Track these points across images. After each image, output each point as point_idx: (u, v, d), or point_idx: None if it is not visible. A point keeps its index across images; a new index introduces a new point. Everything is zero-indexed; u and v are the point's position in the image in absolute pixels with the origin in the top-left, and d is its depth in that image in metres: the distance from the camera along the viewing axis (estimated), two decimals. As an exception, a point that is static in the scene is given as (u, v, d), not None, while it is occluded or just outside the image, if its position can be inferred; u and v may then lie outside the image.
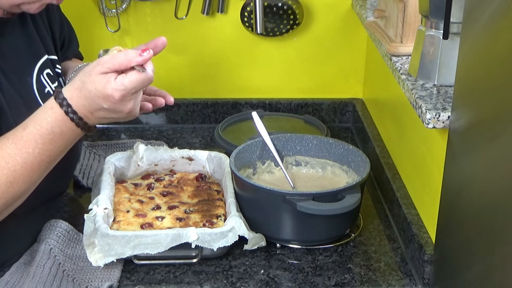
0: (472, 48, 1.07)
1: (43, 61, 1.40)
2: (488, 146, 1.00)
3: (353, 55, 1.93)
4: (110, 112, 1.22)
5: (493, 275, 1.00)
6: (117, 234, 1.30)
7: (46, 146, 1.20)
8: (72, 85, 1.22)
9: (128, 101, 1.21)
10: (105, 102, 1.20)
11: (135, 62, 1.20)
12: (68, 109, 1.20)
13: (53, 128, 1.20)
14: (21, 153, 1.19)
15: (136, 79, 1.20)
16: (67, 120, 1.20)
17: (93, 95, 1.19)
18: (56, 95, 1.21)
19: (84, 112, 1.21)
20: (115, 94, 1.19)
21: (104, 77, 1.19)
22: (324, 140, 1.55)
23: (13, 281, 1.28)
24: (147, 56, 1.21)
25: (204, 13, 1.85)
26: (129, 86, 1.19)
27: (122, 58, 1.20)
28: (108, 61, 1.20)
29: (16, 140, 1.19)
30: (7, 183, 1.18)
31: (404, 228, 1.42)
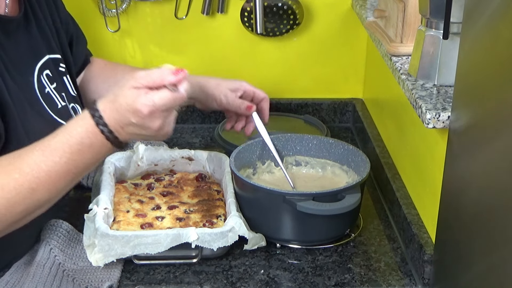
0: (472, 48, 1.07)
1: (43, 61, 1.40)
2: (488, 146, 1.00)
3: (353, 55, 1.93)
4: (139, 128, 1.20)
5: (493, 275, 1.00)
6: (117, 234, 1.30)
7: (73, 156, 1.18)
8: (106, 97, 1.21)
9: (157, 118, 1.19)
10: (134, 116, 1.18)
11: (168, 80, 1.18)
12: (99, 121, 1.18)
13: (82, 139, 1.18)
14: (46, 161, 1.17)
15: (166, 97, 1.18)
16: (98, 132, 1.18)
17: (123, 109, 1.18)
18: (90, 106, 1.20)
19: (115, 126, 1.19)
20: (144, 109, 1.17)
21: (136, 92, 1.18)
22: (324, 140, 1.55)
23: (13, 281, 1.28)
24: (180, 77, 1.19)
25: (204, 13, 1.85)
26: (159, 103, 1.18)
27: (156, 75, 1.19)
28: (142, 76, 1.19)
29: (44, 148, 1.18)
30: (29, 189, 1.16)
31: (404, 228, 1.42)
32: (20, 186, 1.16)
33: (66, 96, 1.43)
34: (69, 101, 1.43)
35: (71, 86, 1.47)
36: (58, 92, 1.41)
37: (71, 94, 1.46)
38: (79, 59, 1.58)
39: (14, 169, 1.16)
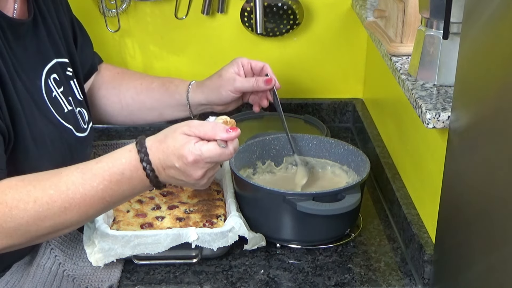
0: (472, 48, 1.07)
1: (51, 65, 1.39)
2: (488, 146, 1.00)
3: (353, 55, 1.93)
4: (180, 174, 1.20)
5: (493, 275, 1.00)
6: (117, 234, 1.31)
7: (111, 185, 1.18)
8: (156, 136, 1.21)
9: (200, 168, 1.19)
10: (178, 161, 1.18)
11: (220, 137, 1.19)
12: (144, 157, 1.18)
13: (124, 170, 1.18)
14: (84, 184, 1.17)
15: (214, 151, 1.19)
16: (140, 167, 1.18)
17: (170, 151, 1.18)
18: (138, 140, 1.20)
19: (158, 165, 1.19)
20: (189, 156, 1.18)
21: (186, 138, 1.19)
22: (324, 140, 1.55)
23: (13, 281, 1.28)
24: (233, 135, 1.20)
25: (204, 13, 1.85)
26: (205, 154, 1.18)
27: (209, 129, 1.20)
28: (196, 126, 1.20)
29: (85, 171, 1.18)
30: (61, 207, 1.16)
31: (404, 228, 1.42)
32: (53, 202, 1.16)
33: (73, 100, 1.43)
34: (75, 106, 1.43)
35: (77, 91, 1.47)
36: (65, 96, 1.41)
37: (77, 99, 1.46)
38: (86, 63, 1.58)
39: (50, 185, 1.17)
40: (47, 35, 1.40)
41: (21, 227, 1.16)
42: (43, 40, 1.39)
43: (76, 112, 1.43)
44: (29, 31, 1.35)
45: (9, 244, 1.18)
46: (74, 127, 1.40)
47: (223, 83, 1.56)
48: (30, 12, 1.36)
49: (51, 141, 1.31)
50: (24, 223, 1.15)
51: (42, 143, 1.29)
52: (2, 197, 1.15)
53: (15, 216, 1.15)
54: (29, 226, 1.16)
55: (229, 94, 1.56)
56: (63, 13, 1.49)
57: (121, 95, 1.61)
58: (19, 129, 1.24)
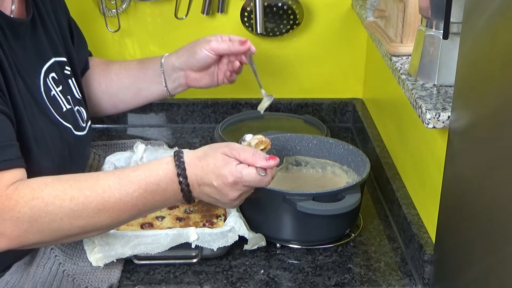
0: (472, 48, 1.07)
1: (49, 64, 1.40)
2: (488, 146, 1.00)
3: (353, 55, 1.93)
4: (216, 192, 1.22)
5: (493, 275, 1.00)
6: (117, 234, 1.31)
7: (146, 193, 1.20)
8: (195, 153, 1.23)
9: (237, 190, 1.22)
10: (217, 180, 1.20)
11: (260, 165, 1.21)
12: (181, 172, 1.20)
13: (160, 182, 1.20)
14: (120, 189, 1.19)
15: (253, 177, 1.21)
16: (175, 181, 1.20)
17: (210, 170, 1.20)
18: (177, 154, 1.22)
19: (193, 181, 1.21)
20: (230, 177, 1.20)
21: (227, 159, 1.21)
22: (324, 140, 1.55)
23: (13, 281, 1.28)
24: (272, 164, 1.22)
25: (204, 13, 1.85)
26: (245, 178, 1.20)
27: (250, 155, 1.22)
28: (237, 149, 1.22)
29: (122, 177, 1.20)
30: (95, 209, 1.17)
31: (404, 228, 1.42)
32: (88, 203, 1.17)
33: (72, 99, 1.43)
34: (74, 104, 1.43)
35: (76, 89, 1.47)
36: (64, 95, 1.41)
37: (76, 97, 1.46)
38: (81, 62, 1.58)
39: (87, 186, 1.18)
40: (45, 34, 1.41)
41: (54, 223, 1.16)
42: (42, 39, 1.39)
43: (74, 110, 1.43)
44: (28, 31, 1.35)
45: (39, 240, 1.18)
46: (73, 126, 1.40)
47: (199, 43, 1.57)
48: (29, 12, 1.36)
49: (51, 140, 1.32)
50: (58, 219, 1.16)
51: (42, 142, 1.29)
52: (39, 192, 1.16)
53: (51, 212, 1.15)
54: (62, 223, 1.17)
55: (205, 53, 1.56)
56: (61, 12, 1.49)
57: (102, 81, 1.63)
58: (22, 128, 1.25)
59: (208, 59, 1.57)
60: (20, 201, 1.14)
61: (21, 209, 1.14)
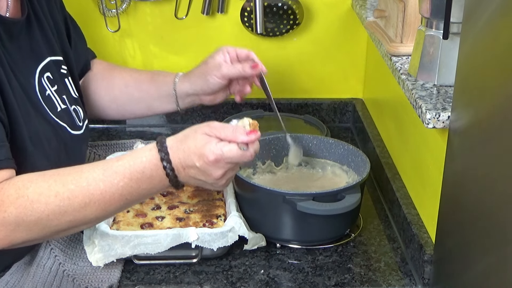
0: (472, 48, 1.07)
1: (44, 63, 1.40)
2: (488, 146, 1.00)
3: (353, 55, 1.93)
4: (200, 173, 1.21)
5: (493, 275, 1.00)
6: (117, 234, 1.31)
7: (131, 183, 1.19)
8: (176, 136, 1.22)
9: (220, 168, 1.20)
10: (199, 160, 1.19)
11: (240, 140, 1.20)
12: (165, 156, 1.19)
13: (144, 169, 1.19)
14: (105, 180, 1.18)
15: (235, 152, 1.20)
16: (160, 166, 1.19)
17: (191, 151, 1.19)
18: (159, 140, 1.21)
19: (178, 165, 1.20)
20: (210, 155, 1.19)
21: (207, 138, 1.20)
22: (324, 140, 1.55)
23: (13, 281, 1.28)
24: (253, 138, 1.21)
25: (204, 13, 1.85)
26: (226, 154, 1.19)
27: (230, 132, 1.21)
28: (217, 127, 1.21)
29: (106, 168, 1.19)
30: (82, 203, 1.17)
31: (404, 228, 1.42)
32: (74, 197, 1.17)
33: (68, 98, 1.43)
34: (70, 103, 1.43)
35: (72, 88, 1.47)
36: (59, 95, 1.41)
37: (72, 96, 1.46)
38: (79, 61, 1.58)
39: (72, 180, 1.18)
40: (41, 33, 1.40)
41: (41, 221, 1.16)
42: (37, 38, 1.39)
43: (71, 110, 1.43)
44: (23, 30, 1.35)
45: (28, 238, 1.18)
46: (69, 125, 1.40)
47: (209, 69, 1.55)
48: (24, 11, 1.36)
49: (46, 139, 1.32)
50: (44, 217, 1.16)
51: (38, 141, 1.29)
52: (24, 190, 1.16)
53: (36, 209, 1.15)
54: (49, 220, 1.16)
55: (216, 81, 1.55)
56: (57, 10, 1.49)
57: (109, 88, 1.62)
58: (16, 127, 1.25)
59: (220, 85, 1.56)
60: (5, 201, 1.14)
61: (7, 209, 1.14)
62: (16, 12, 1.35)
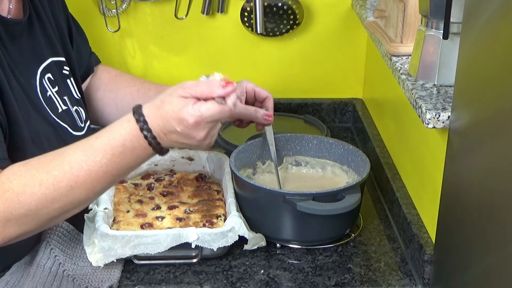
0: (472, 48, 1.07)
1: (45, 64, 1.39)
2: (488, 146, 1.00)
3: (353, 55, 1.93)
4: (182, 137, 1.20)
5: (493, 275, 1.00)
6: (117, 234, 1.30)
7: (114, 158, 1.18)
8: (152, 103, 1.21)
9: (202, 129, 1.19)
10: (179, 125, 1.18)
11: (217, 94, 1.19)
12: (144, 125, 1.18)
13: (125, 142, 1.18)
14: (87, 160, 1.17)
15: (213, 109, 1.18)
16: (141, 136, 1.18)
17: (169, 116, 1.18)
18: (135, 110, 1.20)
19: (158, 131, 1.19)
20: (190, 118, 1.17)
21: (183, 101, 1.18)
22: (324, 140, 1.55)
23: (13, 281, 1.28)
24: (229, 90, 1.19)
25: (204, 13, 1.85)
26: (205, 114, 1.18)
27: (205, 88, 1.19)
28: (191, 86, 1.19)
29: (86, 148, 1.18)
30: (67, 186, 1.17)
31: (404, 228, 1.42)
32: (58, 183, 1.16)
33: (69, 99, 1.43)
34: (72, 104, 1.43)
35: (74, 89, 1.47)
36: (60, 96, 1.40)
37: (74, 97, 1.45)
38: (82, 64, 1.57)
39: (54, 166, 1.17)
40: (43, 34, 1.40)
41: (30, 212, 1.16)
42: (38, 39, 1.39)
43: (72, 111, 1.42)
44: (24, 31, 1.35)
45: (21, 232, 1.18)
46: (71, 126, 1.40)
47: None
48: (26, 12, 1.36)
49: (47, 140, 1.31)
50: (33, 207, 1.16)
51: (39, 142, 1.29)
52: (8, 184, 1.15)
53: (23, 202, 1.15)
54: (38, 210, 1.16)
55: None
56: (59, 11, 1.49)
57: (118, 99, 1.61)
58: (16, 128, 1.24)
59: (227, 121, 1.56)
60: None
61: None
62: (17, 12, 1.35)
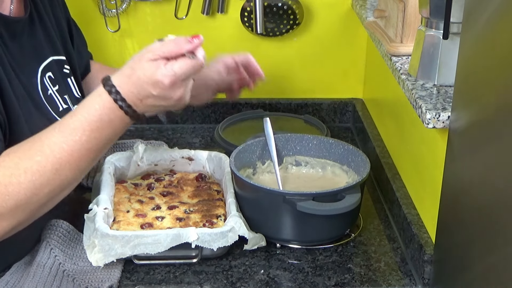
0: (472, 48, 1.07)
1: (46, 63, 1.40)
2: (488, 146, 1.00)
3: (353, 55, 1.93)
4: (159, 100, 1.20)
5: (493, 275, 1.00)
6: (117, 234, 1.30)
7: (93, 133, 1.18)
8: (122, 72, 1.20)
9: (178, 88, 1.20)
10: (155, 88, 1.18)
11: (186, 49, 1.19)
12: (117, 96, 1.18)
13: (101, 116, 1.18)
14: (67, 141, 1.17)
15: (186, 66, 1.19)
16: (116, 108, 1.19)
17: (142, 82, 1.18)
18: (104, 82, 1.19)
19: (133, 99, 1.19)
20: (165, 80, 1.18)
21: (154, 64, 1.18)
22: (324, 140, 1.55)
23: (13, 281, 1.28)
24: (197, 43, 1.20)
25: (204, 13, 1.85)
26: (179, 72, 1.18)
27: (172, 45, 1.20)
28: (158, 48, 1.20)
29: (63, 128, 1.18)
30: (53, 170, 1.17)
31: (404, 228, 1.42)
32: (43, 168, 1.16)
33: (70, 98, 1.43)
34: (72, 103, 1.43)
35: (75, 88, 1.47)
36: (61, 95, 1.41)
37: (75, 96, 1.46)
38: (82, 62, 1.58)
39: (35, 152, 1.17)
40: (43, 32, 1.40)
41: (21, 202, 1.16)
42: (39, 38, 1.39)
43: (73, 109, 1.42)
44: (25, 29, 1.35)
45: (16, 223, 1.18)
46: None
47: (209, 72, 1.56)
48: (26, 10, 1.36)
49: None
50: (22, 197, 1.16)
51: None
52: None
53: (12, 192, 1.15)
54: (28, 198, 1.16)
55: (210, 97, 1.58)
56: (59, 10, 1.49)
57: None
58: (17, 126, 1.24)
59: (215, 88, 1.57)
60: None
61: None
62: (18, 11, 1.36)
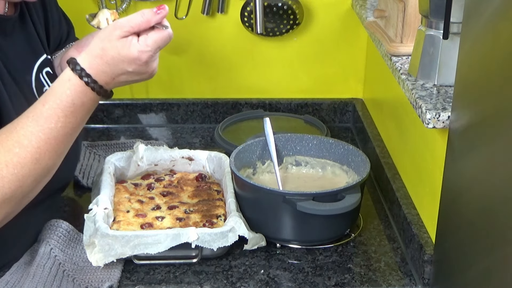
0: (472, 48, 1.07)
1: (42, 59, 1.40)
2: (488, 146, 1.00)
3: (353, 55, 1.93)
4: (134, 75, 1.20)
5: (493, 275, 1.00)
6: (117, 234, 1.30)
7: (68, 118, 1.18)
8: (90, 53, 1.20)
9: (153, 61, 1.20)
10: (130, 65, 1.18)
11: (154, 21, 1.19)
12: (89, 79, 1.18)
13: (74, 101, 1.18)
14: (43, 129, 1.17)
15: (159, 38, 1.19)
16: (88, 90, 1.19)
17: (117, 61, 1.18)
18: (72, 66, 1.19)
19: (105, 79, 1.19)
20: (142, 56, 1.18)
21: (126, 41, 1.18)
22: (324, 140, 1.55)
23: (13, 281, 1.28)
24: (164, 13, 1.19)
25: (204, 13, 1.85)
26: (154, 46, 1.18)
27: (140, 19, 1.19)
28: (126, 24, 1.19)
29: (37, 117, 1.18)
30: (33, 160, 1.17)
31: (404, 228, 1.42)
32: (23, 159, 1.16)
33: None
34: None
35: None
36: None
37: None
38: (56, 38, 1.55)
39: (13, 143, 1.17)
40: (36, 31, 1.40)
41: (6, 196, 1.16)
42: (33, 35, 1.39)
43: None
44: (16, 27, 1.35)
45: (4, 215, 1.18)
46: None
47: None
48: (17, 9, 1.36)
49: None
50: (6, 190, 1.16)
51: None
52: None
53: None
54: (13, 191, 1.17)
55: None
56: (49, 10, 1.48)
57: None
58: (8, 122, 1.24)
59: None
60: None
61: None
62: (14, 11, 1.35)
